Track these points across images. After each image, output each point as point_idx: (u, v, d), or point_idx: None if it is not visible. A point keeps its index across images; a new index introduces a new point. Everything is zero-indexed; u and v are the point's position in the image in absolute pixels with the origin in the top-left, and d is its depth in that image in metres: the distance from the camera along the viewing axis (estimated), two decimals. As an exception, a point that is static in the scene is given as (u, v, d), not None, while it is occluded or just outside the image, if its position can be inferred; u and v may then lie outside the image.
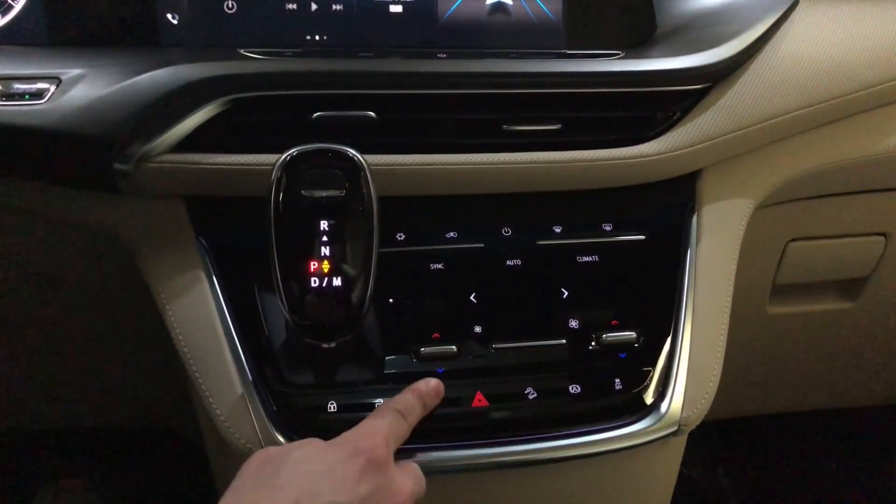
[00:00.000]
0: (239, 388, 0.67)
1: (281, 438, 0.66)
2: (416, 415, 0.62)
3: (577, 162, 0.74)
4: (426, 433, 0.67)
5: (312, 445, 0.56)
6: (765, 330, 1.11)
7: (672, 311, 0.75)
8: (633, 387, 0.72)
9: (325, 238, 0.61)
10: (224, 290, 0.69)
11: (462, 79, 0.71)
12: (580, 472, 0.75)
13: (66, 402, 1.13)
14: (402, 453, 0.65)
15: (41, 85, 0.66)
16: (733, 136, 0.77)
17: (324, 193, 0.61)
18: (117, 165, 0.65)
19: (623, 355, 0.73)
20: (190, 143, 0.67)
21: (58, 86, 0.66)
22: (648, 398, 0.72)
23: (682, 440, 0.79)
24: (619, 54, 0.80)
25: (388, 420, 0.59)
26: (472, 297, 0.73)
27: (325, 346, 0.64)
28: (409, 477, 0.57)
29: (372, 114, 0.70)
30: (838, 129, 0.85)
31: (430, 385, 0.65)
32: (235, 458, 0.68)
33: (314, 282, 0.60)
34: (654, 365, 0.73)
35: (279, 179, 0.61)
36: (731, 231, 0.81)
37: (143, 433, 1.29)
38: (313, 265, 0.61)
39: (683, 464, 0.84)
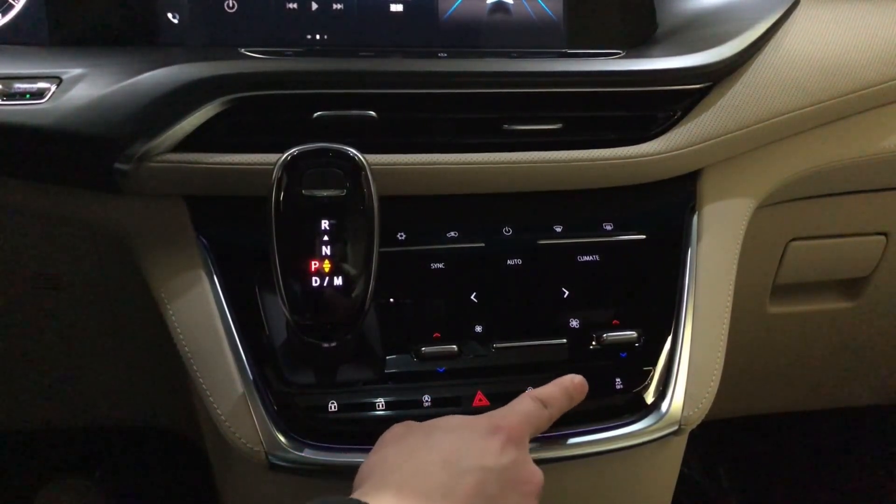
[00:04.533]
0: (240, 388, 0.67)
1: (282, 438, 0.66)
2: (558, 407, 0.62)
3: (578, 161, 0.74)
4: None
5: (455, 419, 0.58)
6: (765, 329, 1.11)
7: (673, 310, 0.75)
8: (633, 386, 0.72)
9: (325, 238, 0.61)
10: (225, 289, 0.69)
11: (463, 78, 0.71)
12: (580, 471, 0.75)
13: (67, 402, 1.13)
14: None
15: (42, 84, 0.66)
16: (734, 136, 0.77)
17: (325, 193, 0.61)
18: (118, 165, 0.65)
19: (624, 355, 0.73)
20: (191, 142, 0.67)
21: (58, 85, 0.66)
22: (649, 398, 0.72)
23: (682, 440, 0.79)
24: (619, 53, 0.80)
25: (528, 406, 0.60)
26: (472, 297, 0.73)
27: (326, 345, 0.64)
28: (538, 470, 0.58)
29: (373, 113, 0.69)
30: (839, 128, 0.85)
31: (576, 381, 0.65)
32: (236, 458, 0.68)
33: (315, 281, 0.60)
34: (654, 364, 0.73)
35: (280, 179, 0.61)
36: (732, 230, 0.81)
37: (144, 433, 1.29)
38: (314, 265, 0.61)
39: (684, 463, 0.84)
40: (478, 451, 0.53)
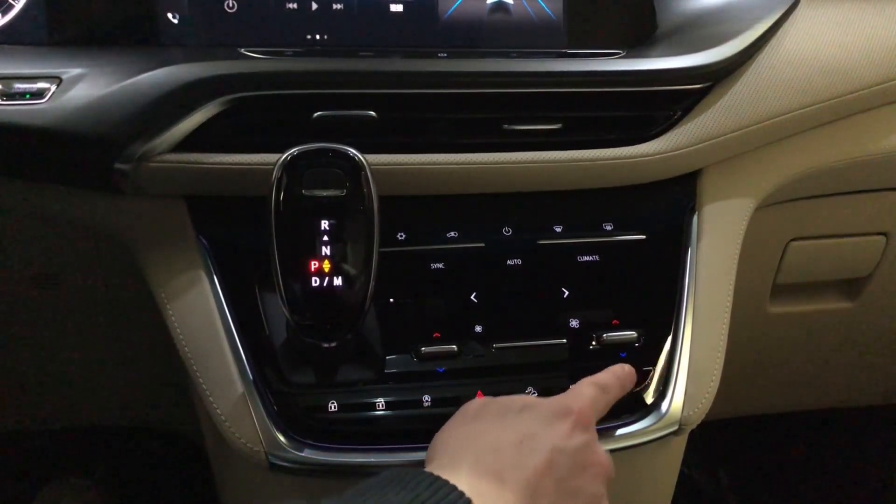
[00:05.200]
0: (239, 388, 0.67)
1: (281, 438, 0.66)
2: (614, 393, 0.63)
3: (578, 161, 0.74)
4: (427, 433, 0.67)
5: (527, 399, 0.59)
6: (765, 329, 1.11)
7: (672, 310, 0.75)
8: (633, 386, 0.72)
9: (325, 238, 0.61)
10: (225, 289, 0.69)
11: (463, 78, 0.71)
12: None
13: (67, 402, 1.13)
14: (404, 452, 0.65)
15: (42, 84, 0.66)
16: (734, 136, 0.77)
17: (324, 193, 0.61)
18: (118, 165, 0.65)
19: (623, 355, 0.73)
20: (191, 142, 0.67)
21: (58, 85, 0.66)
22: (649, 398, 0.72)
23: (682, 439, 0.79)
24: (619, 53, 0.80)
25: (592, 392, 0.61)
26: (472, 297, 0.73)
27: (326, 345, 0.64)
28: (608, 454, 0.59)
29: (373, 113, 0.69)
30: (839, 128, 0.85)
31: (626, 369, 0.66)
32: (236, 458, 0.68)
33: (315, 281, 0.60)
34: (654, 364, 0.73)
35: (280, 179, 0.61)
36: (732, 230, 0.81)
37: (144, 433, 1.29)
38: (314, 265, 0.60)
39: (684, 463, 0.84)
40: (549, 433, 0.54)
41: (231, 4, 0.79)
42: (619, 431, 0.71)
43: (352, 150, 0.62)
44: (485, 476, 0.50)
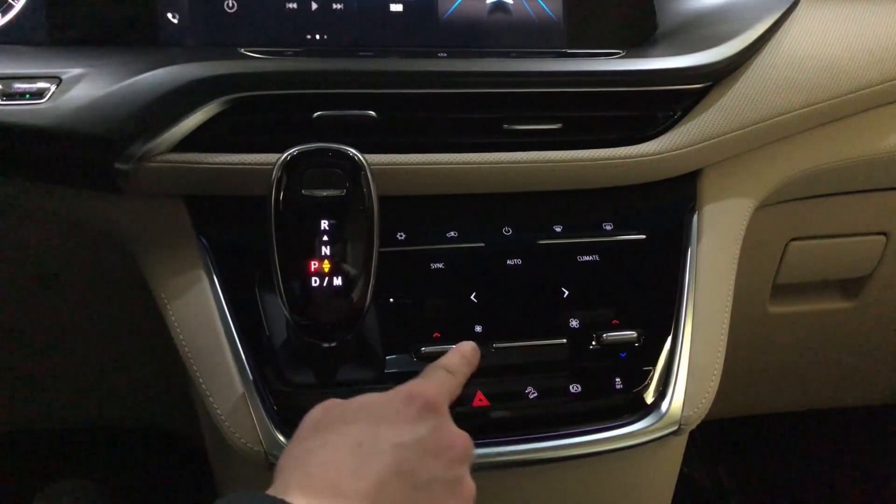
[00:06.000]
0: (239, 388, 0.67)
1: (282, 438, 0.66)
2: (462, 373, 0.62)
3: (578, 161, 0.74)
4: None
5: (369, 396, 0.57)
6: (765, 329, 1.11)
7: (673, 310, 0.75)
8: (633, 386, 0.72)
9: (325, 237, 0.61)
10: (225, 289, 0.69)
11: (463, 78, 0.71)
12: (581, 471, 0.75)
13: (66, 402, 1.13)
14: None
15: (42, 84, 0.66)
16: (734, 136, 0.77)
17: (324, 193, 0.61)
18: (118, 165, 0.65)
19: (623, 355, 0.73)
20: (190, 142, 0.67)
21: (58, 85, 0.66)
22: (649, 397, 0.72)
23: (682, 439, 0.79)
24: (619, 53, 0.80)
25: (437, 375, 0.59)
26: (472, 297, 0.73)
27: (326, 345, 0.64)
28: (463, 433, 0.57)
29: (372, 113, 0.69)
30: (839, 128, 0.85)
31: (470, 346, 0.64)
32: (236, 458, 0.68)
33: (315, 281, 0.60)
34: (654, 364, 0.73)
35: (280, 179, 0.61)
36: (732, 230, 0.81)
37: (144, 433, 1.29)
38: (314, 265, 0.60)
39: (684, 463, 0.84)
40: (392, 429, 0.52)
41: (231, 4, 0.79)
42: (619, 431, 0.71)
43: (352, 150, 0.62)
44: (320, 492, 0.47)
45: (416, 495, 0.50)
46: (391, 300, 0.71)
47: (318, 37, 0.81)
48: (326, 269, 0.61)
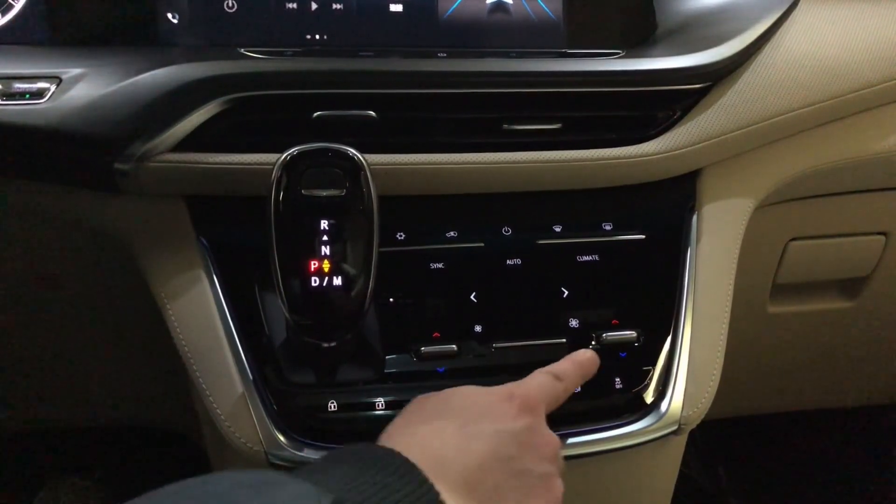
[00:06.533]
0: (239, 388, 0.67)
1: (282, 438, 0.66)
2: (571, 380, 0.63)
3: (578, 161, 0.74)
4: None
5: (471, 388, 0.58)
6: (765, 329, 1.11)
7: (672, 310, 0.75)
8: (633, 386, 0.72)
9: (325, 237, 0.61)
10: (224, 289, 0.69)
11: (462, 78, 0.71)
12: (580, 471, 0.75)
13: (66, 402, 1.13)
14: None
15: (42, 84, 0.66)
16: (734, 136, 0.77)
17: (324, 193, 0.61)
18: (118, 165, 0.65)
19: (623, 354, 0.73)
20: (190, 142, 0.67)
21: (58, 85, 0.66)
22: (648, 397, 0.72)
23: (682, 439, 0.79)
24: (619, 53, 0.80)
25: (541, 379, 0.61)
26: (472, 297, 0.73)
27: (326, 345, 0.64)
28: (555, 436, 0.58)
29: (372, 113, 0.70)
30: (839, 128, 0.85)
31: (588, 355, 0.65)
32: (236, 458, 0.68)
33: (315, 281, 0.60)
34: (654, 364, 0.73)
35: (279, 179, 0.61)
36: (732, 230, 0.81)
37: (144, 433, 1.29)
38: (314, 264, 0.60)
39: (684, 463, 0.84)
40: (492, 416, 0.54)
41: (231, 4, 0.79)
42: (619, 431, 0.71)
43: (351, 150, 0.62)
44: (423, 461, 0.49)
45: (512, 482, 0.52)
46: (391, 300, 0.71)
47: (317, 37, 0.81)
48: (326, 269, 0.61)
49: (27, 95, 0.65)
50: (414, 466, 0.47)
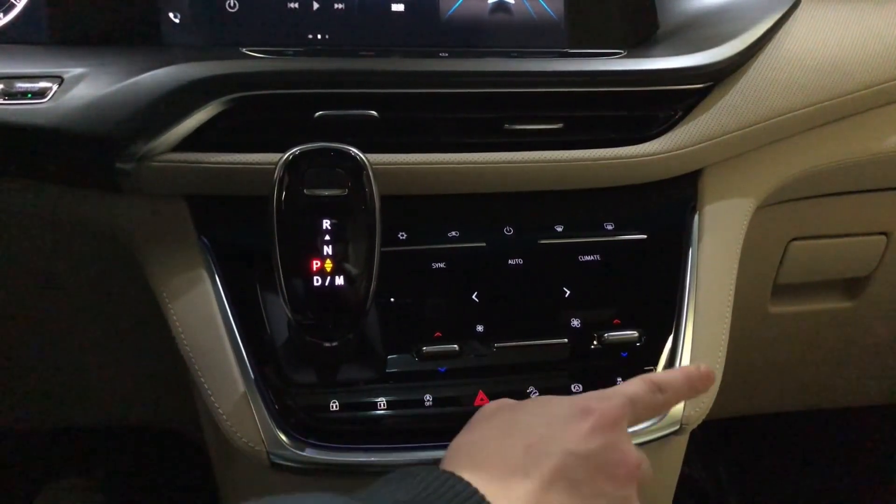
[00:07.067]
0: (241, 387, 0.67)
1: (283, 437, 0.66)
2: (675, 391, 0.59)
3: (579, 161, 0.74)
4: (428, 432, 0.67)
5: (547, 398, 0.56)
6: (766, 329, 1.11)
7: (674, 310, 0.75)
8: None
9: (327, 237, 0.61)
10: (226, 289, 0.69)
11: (464, 78, 0.71)
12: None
13: (67, 402, 1.13)
14: (405, 452, 0.65)
15: (43, 84, 0.66)
16: (735, 136, 0.77)
17: (326, 192, 0.61)
18: (119, 164, 0.65)
19: (625, 354, 0.73)
20: (192, 142, 0.67)
21: (60, 85, 0.66)
22: (650, 397, 0.72)
23: (683, 439, 0.79)
24: (621, 53, 0.80)
25: (635, 387, 0.57)
26: (473, 296, 0.73)
27: (328, 344, 0.64)
28: (637, 452, 0.55)
29: (374, 113, 0.70)
30: (840, 128, 0.85)
31: (702, 369, 0.61)
32: (237, 457, 0.68)
33: (316, 281, 0.60)
34: (655, 364, 0.73)
35: (281, 178, 0.61)
36: (733, 230, 0.81)
37: (145, 433, 1.29)
38: (315, 264, 0.61)
39: (685, 462, 0.84)
40: (563, 434, 0.52)
41: (232, 4, 0.79)
42: (621, 431, 0.71)
43: (353, 150, 0.62)
44: (494, 478, 0.48)
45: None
46: (392, 300, 0.71)
47: (319, 36, 0.81)
48: (328, 269, 0.61)
49: (29, 95, 0.65)
50: (476, 492, 0.46)
